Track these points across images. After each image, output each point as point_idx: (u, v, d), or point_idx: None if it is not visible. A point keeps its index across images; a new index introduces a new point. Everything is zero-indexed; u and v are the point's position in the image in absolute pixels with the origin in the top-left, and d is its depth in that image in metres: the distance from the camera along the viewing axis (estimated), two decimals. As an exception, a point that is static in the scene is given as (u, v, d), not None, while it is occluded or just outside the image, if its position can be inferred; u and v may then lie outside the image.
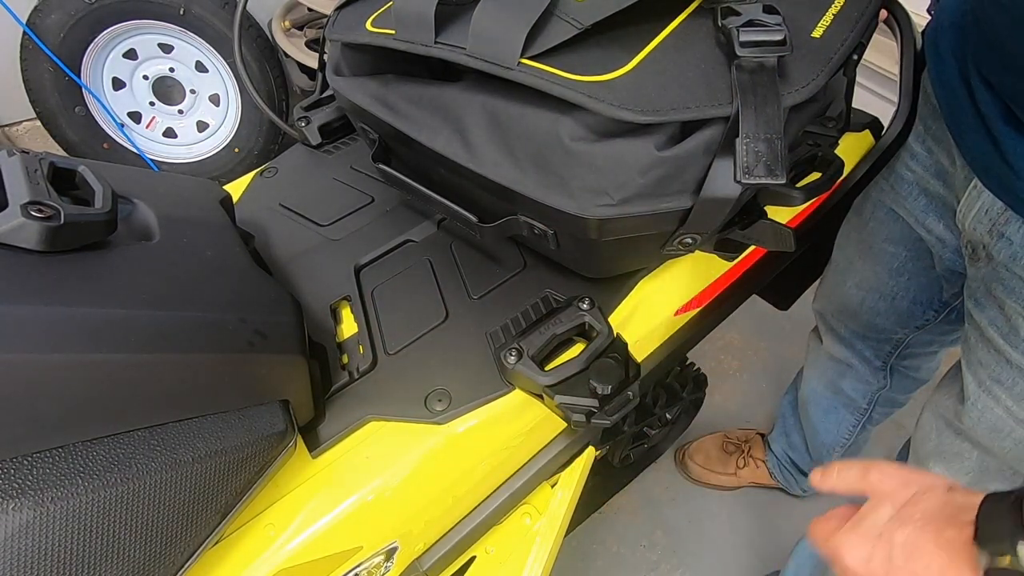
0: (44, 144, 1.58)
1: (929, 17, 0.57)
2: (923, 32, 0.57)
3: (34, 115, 1.51)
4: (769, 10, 0.38)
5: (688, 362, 1.07)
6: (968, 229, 0.53)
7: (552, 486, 0.58)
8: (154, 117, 1.63)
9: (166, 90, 1.62)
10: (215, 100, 1.65)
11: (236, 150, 1.66)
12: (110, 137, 1.58)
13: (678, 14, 0.41)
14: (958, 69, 0.49)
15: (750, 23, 0.37)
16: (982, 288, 0.53)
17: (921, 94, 0.58)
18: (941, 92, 0.52)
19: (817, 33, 0.40)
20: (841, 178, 0.55)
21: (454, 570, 0.58)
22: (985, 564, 0.33)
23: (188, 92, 1.62)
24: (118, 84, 1.57)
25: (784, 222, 0.44)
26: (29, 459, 0.30)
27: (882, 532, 0.36)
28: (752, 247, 0.55)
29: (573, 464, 0.57)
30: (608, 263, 0.52)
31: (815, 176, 0.44)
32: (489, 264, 0.56)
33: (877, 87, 1.24)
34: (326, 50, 0.59)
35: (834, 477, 0.42)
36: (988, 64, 0.45)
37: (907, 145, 0.61)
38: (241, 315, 0.39)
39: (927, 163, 0.59)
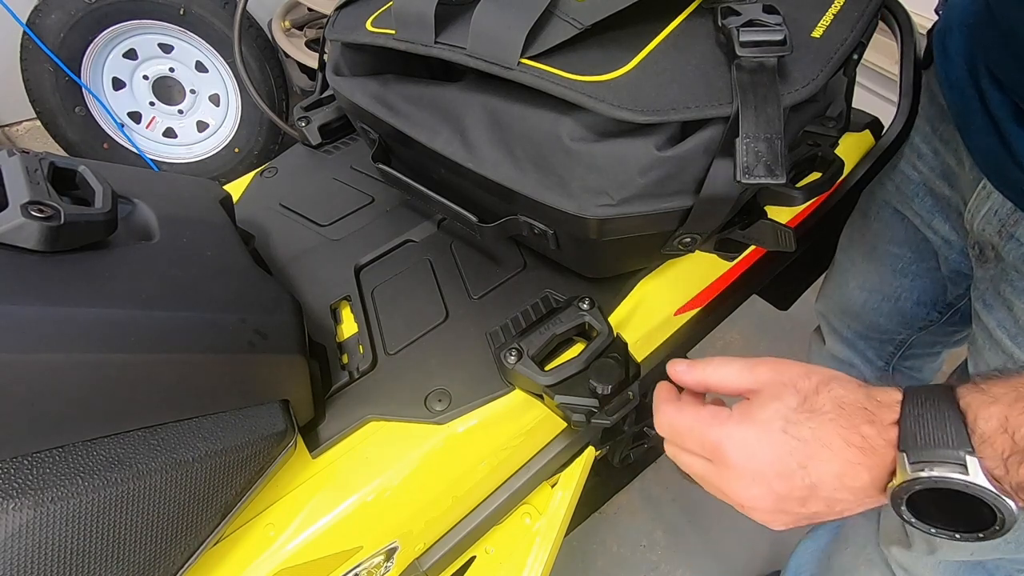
0: (44, 144, 1.58)
1: (935, 17, 0.57)
2: (929, 32, 0.57)
3: (34, 115, 1.51)
4: (769, 10, 0.38)
5: (688, 362, 1.07)
6: (976, 230, 0.52)
7: (552, 486, 0.58)
8: (154, 117, 1.64)
9: (166, 90, 1.62)
10: (215, 100, 1.65)
11: (236, 150, 1.66)
12: (110, 137, 1.58)
13: (678, 14, 0.41)
14: (967, 70, 0.49)
15: (750, 23, 0.37)
16: (990, 289, 0.53)
17: (928, 94, 0.58)
18: (949, 93, 0.52)
19: (817, 33, 0.40)
20: (841, 178, 0.55)
21: (454, 570, 0.58)
22: (900, 478, 0.28)
23: (188, 92, 1.62)
24: (118, 84, 1.57)
25: (784, 222, 0.44)
26: (29, 459, 0.30)
27: (785, 426, 0.32)
28: (752, 247, 0.55)
29: (573, 464, 0.57)
30: (608, 263, 0.52)
31: (815, 176, 0.44)
32: (489, 264, 0.56)
33: (877, 87, 1.24)
34: (326, 50, 0.59)
35: (706, 369, 0.36)
36: (1001, 63, 0.45)
37: (914, 145, 0.61)
38: (241, 315, 0.39)
39: (934, 164, 0.59)
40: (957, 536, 0.29)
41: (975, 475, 0.27)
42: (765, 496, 0.32)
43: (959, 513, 0.28)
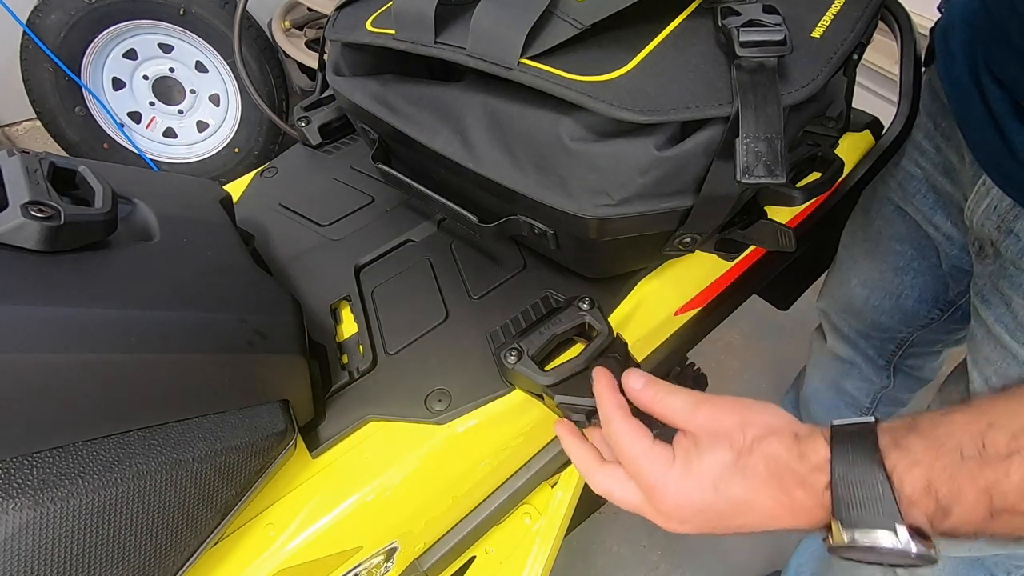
0: (44, 144, 1.58)
1: (936, 17, 0.57)
2: (931, 30, 0.57)
3: (34, 115, 1.51)
4: (769, 10, 0.38)
5: (688, 362, 1.07)
6: (976, 226, 0.53)
7: (552, 486, 0.58)
8: (154, 117, 1.64)
9: (166, 90, 1.62)
10: (215, 100, 1.65)
11: (236, 150, 1.66)
12: (110, 137, 1.58)
13: (678, 14, 0.41)
14: (968, 66, 0.49)
15: (750, 23, 0.37)
16: (989, 285, 0.53)
17: (929, 91, 0.58)
18: (951, 89, 0.52)
19: (817, 33, 0.40)
20: (841, 178, 0.55)
21: (454, 570, 0.58)
22: (837, 541, 0.30)
23: (188, 92, 1.62)
24: (118, 84, 1.57)
25: (784, 222, 0.44)
26: (29, 459, 0.29)
27: (717, 483, 0.33)
28: (752, 247, 0.55)
29: (573, 464, 0.57)
30: (608, 263, 0.52)
31: (815, 176, 0.44)
32: (489, 264, 0.56)
33: (877, 87, 1.24)
34: (326, 50, 0.59)
35: (656, 395, 0.37)
36: (999, 60, 0.45)
37: (915, 142, 0.61)
38: (241, 315, 0.39)
39: (935, 160, 0.59)
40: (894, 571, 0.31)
41: (905, 543, 0.29)
42: (695, 528, 0.35)
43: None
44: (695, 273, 0.58)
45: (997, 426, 0.28)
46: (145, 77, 1.58)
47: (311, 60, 1.53)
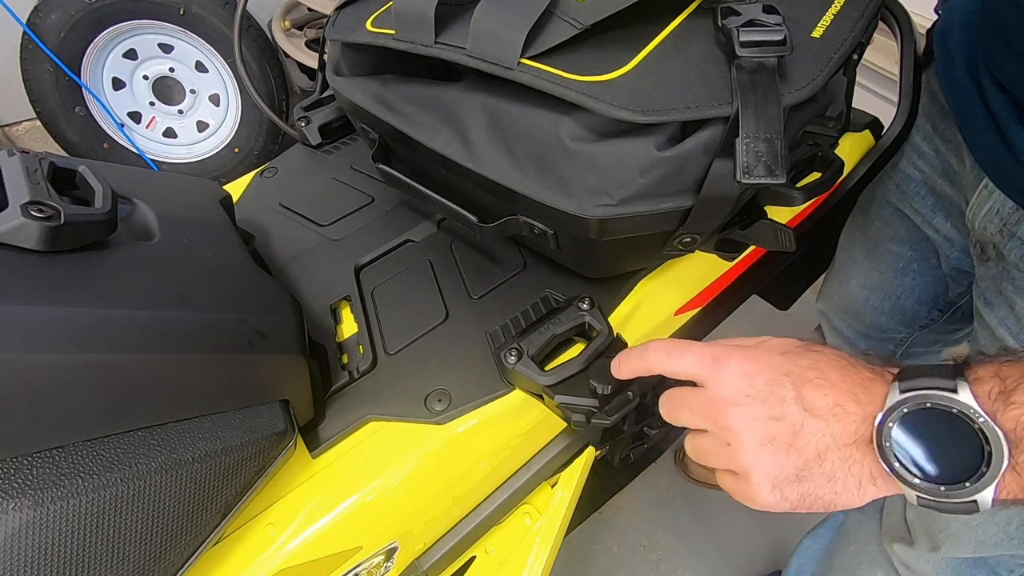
0: (44, 144, 1.58)
1: (935, 16, 0.57)
2: (929, 31, 0.57)
3: (34, 115, 1.51)
4: (769, 10, 0.38)
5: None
6: (977, 229, 0.53)
7: (552, 486, 0.58)
8: (154, 117, 1.64)
9: (166, 90, 1.62)
10: (215, 100, 1.65)
11: (236, 150, 1.66)
12: (110, 137, 1.58)
13: (678, 14, 0.41)
14: (968, 68, 0.49)
15: (750, 23, 0.37)
16: (992, 288, 0.53)
17: (928, 93, 0.58)
18: (951, 92, 0.52)
19: (817, 33, 0.40)
20: (841, 178, 0.55)
21: (454, 570, 0.58)
22: (890, 401, 0.29)
23: (188, 92, 1.62)
24: (118, 84, 1.57)
25: (784, 222, 0.44)
26: (29, 459, 0.29)
27: (784, 352, 0.33)
28: (752, 247, 0.55)
29: (573, 464, 0.57)
30: (608, 263, 0.52)
31: (815, 176, 0.44)
32: (489, 264, 0.56)
33: (877, 87, 1.24)
34: (326, 50, 0.59)
35: (676, 352, 0.36)
36: (999, 62, 0.45)
37: (914, 144, 0.61)
38: (241, 315, 0.39)
39: (935, 163, 0.59)
40: (942, 489, 0.28)
41: (963, 395, 0.27)
42: (755, 420, 0.32)
43: (947, 465, 0.28)
44: (695, 273, 0.58)
45: None
46: (145, 77, 1.58)
47: (311, 60, 1.53)
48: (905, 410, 0.29)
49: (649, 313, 0.55)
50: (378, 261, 0.57)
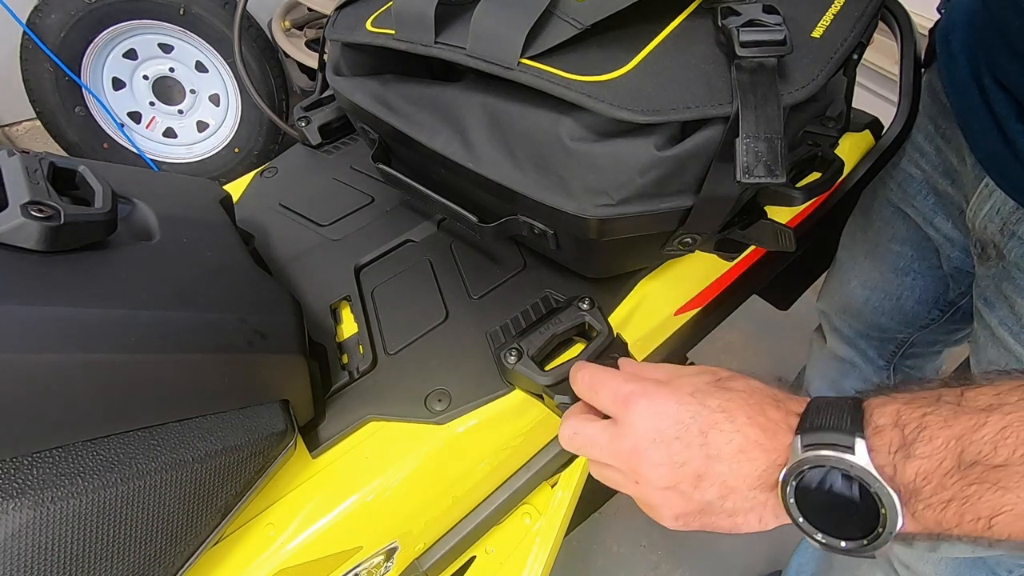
0: (44, 144, 1.58)
1: (936, 17, 0.57)
2: (931, 31, 0.57)
3: (34, 115, 1.51)
4: (769, 10, 0.38)
5: (688, 362, 1.07)
6: (978, 228, 0.52)
7: (552, 486, 0.58)
8: (154, 117, 1.64)
9: (166, 90, 1.62)
10: (215, 100, 1.65)
11: (236, 150, 1.66)
12: (110, 137, 1.58)
13: (678, 14, 0.41)
14: (970, 68, 0.49)
15: (750, 23, 0.37)
16: (992, 287, 0.53)
17: (930, 93, 0.58)
18: (952, 91, 0.52)
19: (817, 33, 0.40)
20: (841, 178, 0.55)
21: (454, 570, 0.58)
22: (792, 460, 0.29)
23: (188, 92, 1.62)
24: (118, 84, 1.57)
25: (784, 222, 0.44)
26: (29, 459, 0.30)
27: (694, 392, 0.33)
28: (752, 247, 0.55)
29: (573, 464, 0.57)
30: (608, 263, 0.52)
31: (815, 176, 0.44)
32: (489, 264, 0.56)
33: (877, 87, 1.24)
34: (326, 50, 0.59)
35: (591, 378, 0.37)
36: (1000, 62, 0.45)
37: (916, 144, 0.61)
38: (241, 315, 0.39)
39: (936, 162, 0.59)
40: (842, 544, 0.29)
41: (860, 455, 0.28)
42: (660, 465, 0.32)
43: (846, 521, 0.29)
44: (695, 273, 0.58)
45: (981, 388, 0.27)
46: (145, 77, 1.58)
47: (311, 60, 1.53)
48: (806, 468, 0.29)
49: (649, 313, 0.55)
50: (378, 261, 0.57)
